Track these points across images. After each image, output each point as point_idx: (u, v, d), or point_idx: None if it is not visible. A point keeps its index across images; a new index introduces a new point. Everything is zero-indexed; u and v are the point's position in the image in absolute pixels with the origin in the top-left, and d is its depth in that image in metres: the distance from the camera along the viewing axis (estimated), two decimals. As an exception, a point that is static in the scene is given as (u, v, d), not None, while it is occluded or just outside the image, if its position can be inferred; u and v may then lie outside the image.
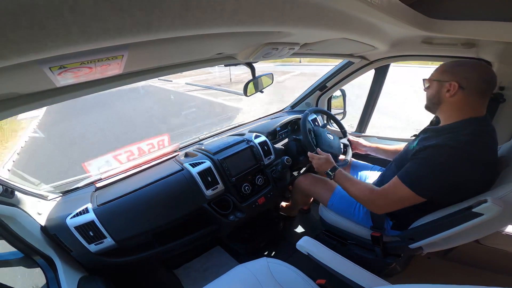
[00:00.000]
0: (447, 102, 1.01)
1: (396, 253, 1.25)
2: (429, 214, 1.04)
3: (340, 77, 2.00)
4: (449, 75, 0.99)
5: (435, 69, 1.06)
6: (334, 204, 1.44)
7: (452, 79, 0.97)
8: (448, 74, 0.99)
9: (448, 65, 1.01)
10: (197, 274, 1.70)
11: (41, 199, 1.25)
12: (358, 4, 0.58)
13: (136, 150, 1.58)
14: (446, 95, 1.00)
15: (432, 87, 1.06)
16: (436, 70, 1.05)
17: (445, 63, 1.03)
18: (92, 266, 1.22)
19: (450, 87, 0.98)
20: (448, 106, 1.02)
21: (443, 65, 1.04)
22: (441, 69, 1.03)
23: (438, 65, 1.07)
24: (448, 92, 0.99)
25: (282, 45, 0.91)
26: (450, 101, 1.00)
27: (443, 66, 1.03)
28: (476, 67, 0.96)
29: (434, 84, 1.04)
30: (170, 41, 0.56)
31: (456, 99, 0.98)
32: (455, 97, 0.98)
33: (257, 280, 1.02)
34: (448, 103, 1.01)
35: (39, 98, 0.68)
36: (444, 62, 1.07)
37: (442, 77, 1.01)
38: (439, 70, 1.04)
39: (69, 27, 0.30)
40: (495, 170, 0.99)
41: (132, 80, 0.83)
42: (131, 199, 1.27)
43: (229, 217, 1.47)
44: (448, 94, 0.99)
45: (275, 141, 1.88)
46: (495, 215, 0.82)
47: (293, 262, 1.11)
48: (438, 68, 1.05)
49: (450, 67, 1.00)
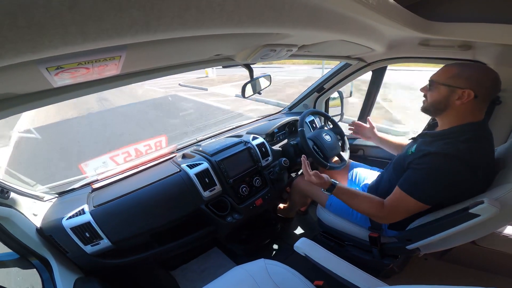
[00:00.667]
0: (454, 108, 0.96)
1: (394, 254, 1.26)
2: (426, 215, 1.05)
3: (337, 79, 2.00)
4: (463, 81, 0.92)
5: (440, 71, 1.00)
6: (332, 205, 1.44)
7: (466, 86, 0.91)
8: (462, 80, 0.92)
9: (460, 70, 0.94)
10: (195, 275, 1.69)
11: (36, 200, 1.24)
12: (356, 6, 0.58)
13: (133, 151, 1.58)
14: (456, 102, 0.94)
15: (438, 91, 0.98)
16: (443, 72, 0.98)
17: (452, 66, 0.98)
18: (88, 267, 1.21)
19: (463, 95, 0.91)
20: (454, 112, 0.97)
21: (451, 68, 0.97)
22: (449, 73, 0.96)
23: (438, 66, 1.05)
24: (459, 99, 0.92)
25: (280, 47, 0.91)
26: (458, 107, 0.95)
27: (452, 70, 0.96)
28: (488, 73, 0.91)
29: (443, 88, 0.97)
30: (168, 42, 0.56)
31: (464, 106, 0.93)
32: (465, 104, 0.93)
33: (254, 282, 1.01)
34: (455, 109, 0.96)
35: (36, 99, 0.68)
36: (443, 64, 1.06)
37: (453, 82, 0.94)
38: (448, 74, 0.96)
39: (67, 27, 0.30)
40: (493, 173, 1.00)
41: (130, 81, 0.82)
42: (128, 200, 1.27)
43: (226, 218, 1.47)
44: (459, 102, 0.93)
45: (273, 143, 1.88)
46: (492, 216, 0.82)
47: (291, 263, 1.11)
48: (445, 70, 0.98)
49: (462, 71, 0.93)
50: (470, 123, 0.95)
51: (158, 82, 12.32)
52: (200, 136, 1.95)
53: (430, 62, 1.49)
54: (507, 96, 1.30)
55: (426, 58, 1.49)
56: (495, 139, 1.00)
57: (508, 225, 1.25)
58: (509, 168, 0.96)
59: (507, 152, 1.05)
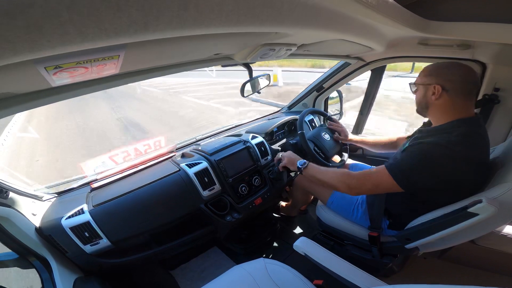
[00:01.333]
0: (434, 104, 1.03)
1: (393, 253, 1.26)
2: (425, 214, 1.05)
3: (337, 78, 2.00)
4: (433, 78, 1.00)
5: (420, 73, 1.07)
6: (334, 203, 1.45)
7: (435, 82, 0.99)
8: (432, 77, 1.01)
9: (431, 68, 1.03)
10: (194, 275, 1.69)
11: (36, 199, 1.24)
12: (355, 5, 0.58)
13: (133, 151, 1.57)
14: (432, 98, 1.01)
15: (419, 91, 1.07)
16: (420, 73, 1.07)
17: (428, 66, 1.05)
18: (88, 267, 1.21)
19: (434, 90, 0.99)
20: (436, 108, 1.03)
21: (426, 68, 1.05)
22: (424, 73, 1.04)
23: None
24: (433, 95, 1.00)
25: (280, 46, 0.91)
26: (437, 103, 1.01)
27: (426, 70, 1.04)
28: (457, 68, 0.97)
29: (420, 88, 1.06)
30: (167, 41, 0.55)
31: (441, 102, 1.00)
32: (441, 99, 1.00)
33: (254, 281, 1.01)
34: (435, 105, 1.03)
35: (34, 98, 0.68)
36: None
37: (426, 80, 1.03)
38: (423, 74, 1.05)
39: (65, 27, 0.30)
40: (488, 171, 1.01)
41: (129, 80, 0.82)
42: (127, 200, 1.26)
43: (226, 217, 1.47)
44: (433, 97, 1.00)
45: (272, 142, 1.88)
46: (490, 215, 0.83)
47: (291, 262, 1.11)
48: (422, 71, 1.06)
49: (432, 70, 1.02)
50: (461, 119, 0.98)
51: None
52: (199, 135, 1.95)
53: (430, 61, 1.49)
54: (505, 95, 1.31)
55: (425, 57, 1.50)
56: (494, 138, 1.00)
57: (507, 224, 1.26)
58: (508, 167, 0.96)
59: (506, 151, 1.05)
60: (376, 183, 1.05)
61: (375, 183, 1.05)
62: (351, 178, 1.11)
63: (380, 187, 1.04)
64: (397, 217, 1.20)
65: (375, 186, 1.05)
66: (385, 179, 1.01)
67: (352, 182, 1.10)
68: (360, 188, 1.09)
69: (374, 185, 1.05)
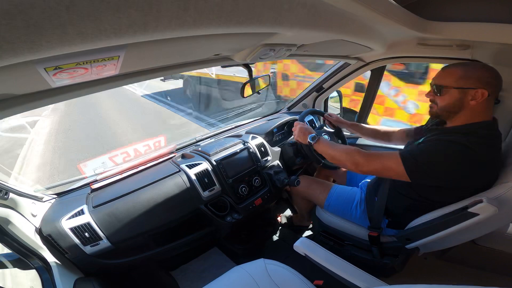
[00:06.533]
0: (468, 109, 0.96)
1: (393, 253, 1.26)
2: (426, 214, 1.05)
3: (336, 79, 2.00)
4: (474, 81, 0.93)
5: (444, 75, 1.00)
6: (330, 205, 1.44)
7: (479, 86, 0.92)
8: (472, 80, 0.93)
9: (465, 70, 0.96)
10: (195, 276, 1.69)
11: (35, 200, 1.23)
12: (354, 6, 0.58)
13: (132, 152, 1.57)
14: (471, 102, 0.94)
15: (450, 95, 0.98)
16: (448, 76, 0.99)
17: (454, 68, 0.99)
18: (88, 268, 1.21)
19: (476, 95, 0.92)
20: (467, 112, 0.97)
21: (455, 70, 0.98)
22: (456, 75, 0.97)
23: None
24: (473, 100, 0.93)
25: (280, 46, 0.91)
26: (472, 107, 0.95)
27: (457, 71, 0.97)
28: (493, 71, 0.94)
29: (453, 91, 0.97)
30: (166, 42, 0.55)
31: (478, 106, 0.94)
32: (480, 103, 0.94)
33: (254, 282, 1.01)
34: (469, 109, 0.96)
35: (34, 99, 0.68)
36: (442, 63, 1.07)
37: (464, 83, 0.94)
38: (454, 76, 0.97)
39: (65, 27, 0.30)
40: (495, 174, 0.99)
41: (128, 81, 0.82)
42: (127, 200, 1.26)
43: (226, 218, 1.47)
44: (474, 102, 0.93)
45: (272, 143, 1.88)
46: (491, 215, 0.83)
47: (291, 263, 1.11)
48: (449, 73, 0.99)
49: (469, 72, 0.95)
50: (486, 121, 0.96)
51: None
52: (199, 136, 1.95)
53: (429, 61, 1.50)
54: (505, 95, 1.30)
55: (425, 58, 1.50)
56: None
57: (507, 224, 1.26)
58: (508, 167, 0.96)
59: (506, 151, 1.05)
60: (385, 166, 1.03)
61: (384, 166, 1.03)
62: (360, 155, 1.10)
63: (386, 172, 1.03)
64: (396, 216, 1.20)
65: (383, 168, 1.04)
66: (395, 165, 0.99)
67: (360, 159, 1.09)
68: (368, 166, 1.08)
69: (382, 167, 1.04)
